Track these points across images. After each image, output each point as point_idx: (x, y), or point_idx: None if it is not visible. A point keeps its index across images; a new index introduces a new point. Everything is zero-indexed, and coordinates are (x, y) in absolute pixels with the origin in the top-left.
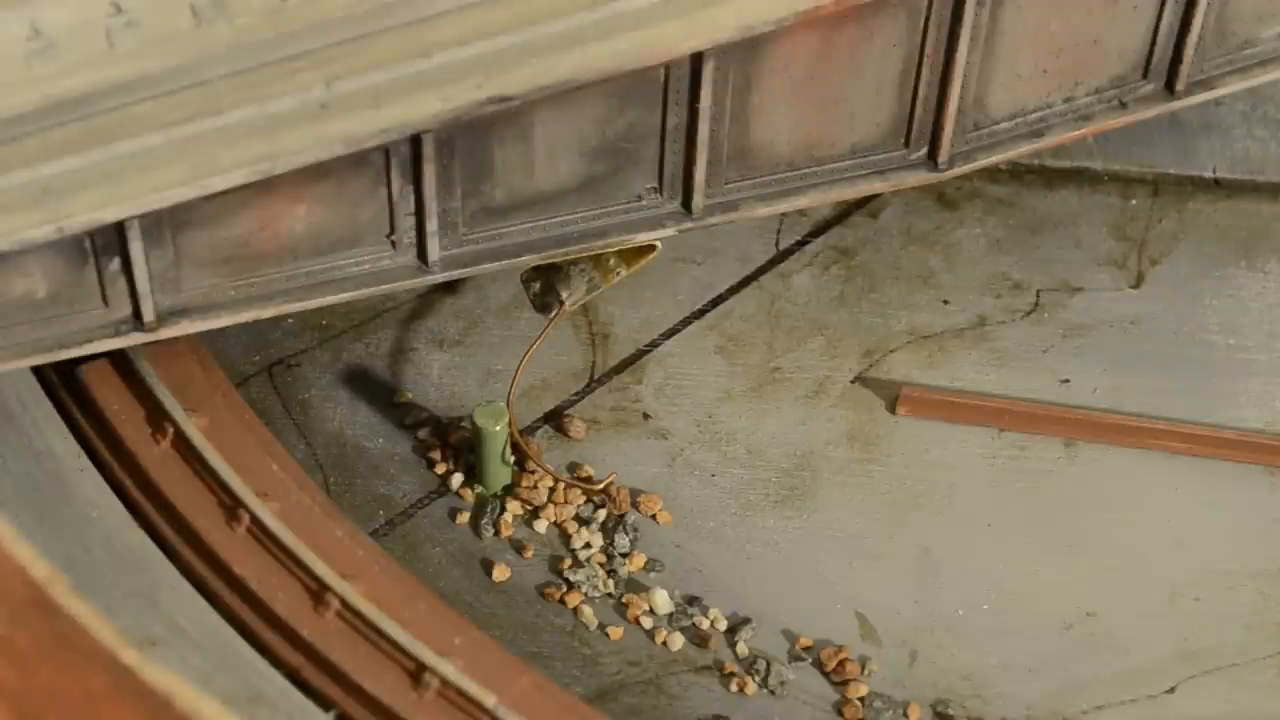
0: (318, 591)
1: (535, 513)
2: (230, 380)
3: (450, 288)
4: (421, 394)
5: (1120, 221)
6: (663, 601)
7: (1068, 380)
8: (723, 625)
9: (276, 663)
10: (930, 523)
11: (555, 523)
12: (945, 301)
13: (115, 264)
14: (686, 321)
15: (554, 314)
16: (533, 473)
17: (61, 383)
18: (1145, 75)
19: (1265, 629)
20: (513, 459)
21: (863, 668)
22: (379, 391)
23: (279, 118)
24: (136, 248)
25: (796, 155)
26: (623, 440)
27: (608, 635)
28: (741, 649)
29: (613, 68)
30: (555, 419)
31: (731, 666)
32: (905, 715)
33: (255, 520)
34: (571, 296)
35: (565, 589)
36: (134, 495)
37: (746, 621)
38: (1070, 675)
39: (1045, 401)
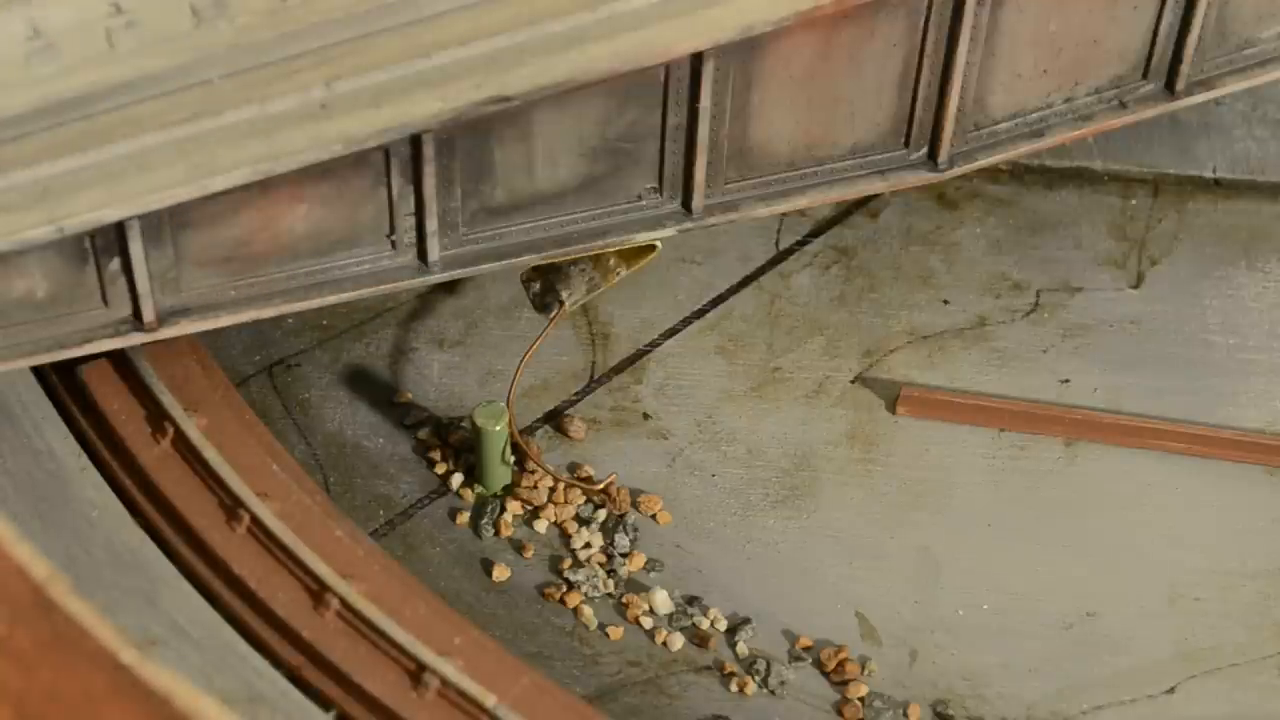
0: (318, 591)
1: (535, 513)
2: (230, 380)
3: (450, 288)
4: (421, 394)
5: (1120, 221)
6: (663, 601)
7: (1068, 380)
8: (723, 625)
9: (276, 663)
10: (930, 523)
11: (555, 523)
12: (945, 301)
13: (115, 264)
14: (686, 321)
15: (554, 314)
16: (533, 473)
17: (61, 383)
18: (1145, 75)
19: (1265, 629)
20: (513, 459)
21: (863, 668)
22: (379, 391)
23: (279, 118)
24: (136, 248)
25: (796, 155)
26: (623, 440)
27: (608, 635)
28: (741, 649)
29: (613, 68)
30: (555, 419)
31: (731, 666)
32: (905, 715)
33: (255, 520)
34: (571, 296)
35: (565, 589)
36: (134, 495)
37: (746, 621)
38: (1070, 675)
39: (1045, 401)
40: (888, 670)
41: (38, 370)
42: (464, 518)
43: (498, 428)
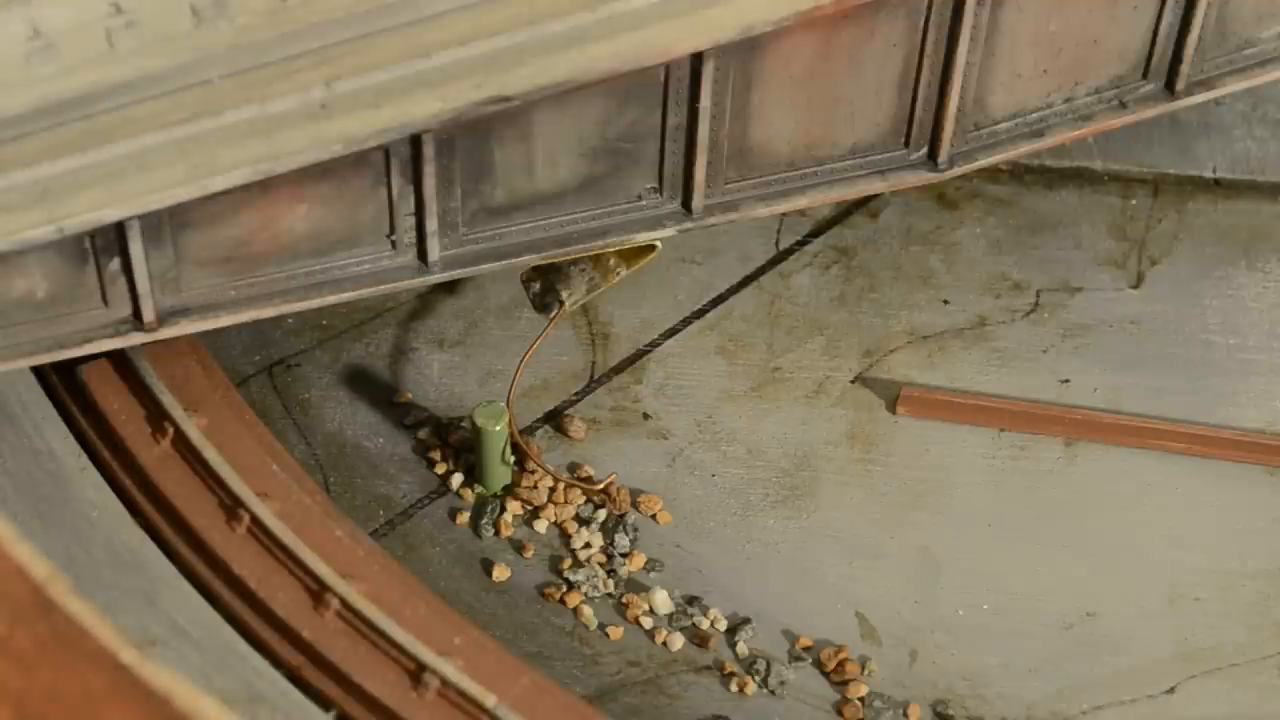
0: (318, 591)
1: (535, 513)
2: (230, 380)
3: (450, 288)
4: (421, 394)
5: (1120, 221)
6: (663, 601)
7: (1068, 380)
8: (723, 625)
9: (276, 663)
10: (930, 523)
11: (555, 523)
12: (945, 301)
13: (115, 264)
14: (686, 321)
15: (554, 314)
16: (533, 473)
17: (61, 383)
18: (1145, 75)
19: (1265, 629)
20: (513, 459)
21: (863, 668)
22: (379, 391)
23: (279, 118)
24: (136, 248)
25: (796, 155)
26: (623, 440)
27: (608, 635)
28: (741, 649)
29: (613, 68)
30: (555, 419)
31: (731, 666)
32: (905, 715)
33: (255, 520)
34: (571, 296)
35: (565, 589)
36: (134, 495)
37: (746, 621)
38: (1070, 675)
39: (1045, 401)
40: (888, 670)
41: (38, 370)
42: (464, 518)
43: (498, 428)
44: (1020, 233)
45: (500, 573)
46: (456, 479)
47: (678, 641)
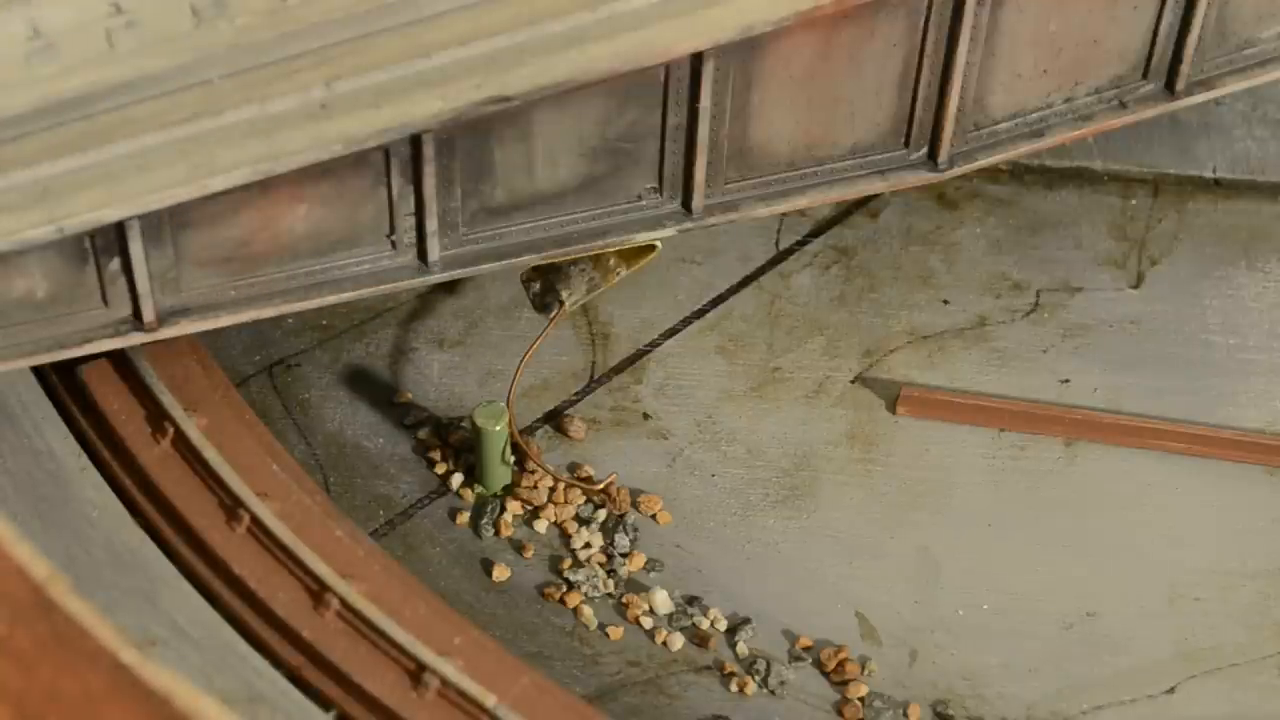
0: (318, 591)
1: (535, 513)
2: (230, 380)
3: (450, 288)
4: (421, 394)
5: (1120, 221)
6: (663, 601)
7: (1068, 380)
8: (723, 625)
9: (276, 663)
10: (930, 523)
11: (555, 523)
12: (945, 301)
13: (115, 264)
14: (686, 321)
15: (554, 314)
16: (533, 473)
17: (61, 383)
18: (1145, 75)
19: (1265, 629)
20: (513, 459)
21: (863, 668)
22: (379, 391)
23: (279, 118)
24: (136, 248)
25: (796, 155)
26: (623, 440)
27: (608, 635)
28: (741, 649)
29: (613, 68)
30: (555, 419)
31: (731, 666)
32: (905, 715)
33: (255, 520)
34: (571, 296)
35: (565, 589)
36: (134, 495)
37: (746, 621)
38: (1070, 675)
39: (1045, 401)
40: (888, 670)
41: (38, 370)
42: (464, 518)
43: (498, 428)
44: (1020, 233)
45: (500, 573)
46: (456, 479)
47: (678, 641)
